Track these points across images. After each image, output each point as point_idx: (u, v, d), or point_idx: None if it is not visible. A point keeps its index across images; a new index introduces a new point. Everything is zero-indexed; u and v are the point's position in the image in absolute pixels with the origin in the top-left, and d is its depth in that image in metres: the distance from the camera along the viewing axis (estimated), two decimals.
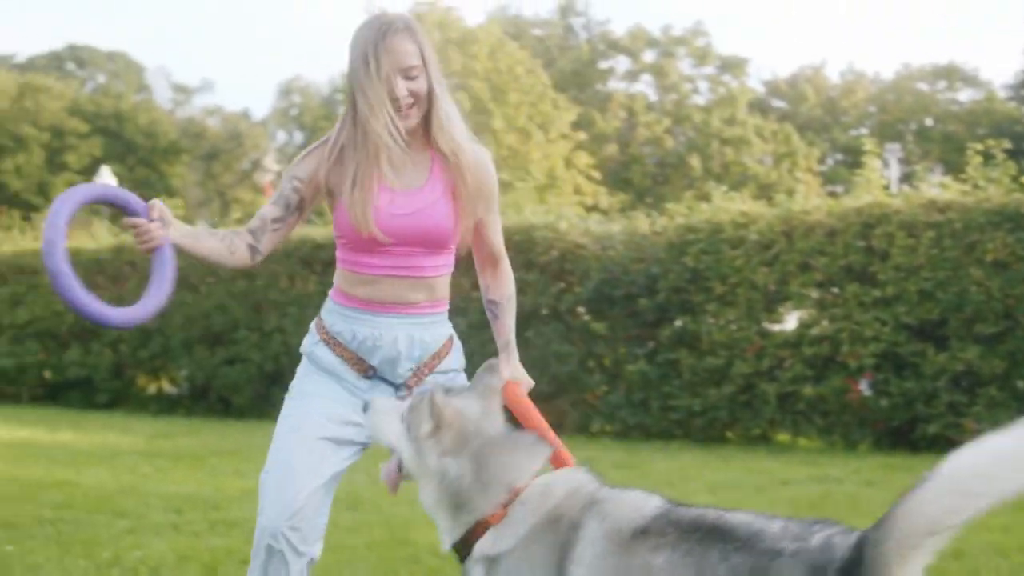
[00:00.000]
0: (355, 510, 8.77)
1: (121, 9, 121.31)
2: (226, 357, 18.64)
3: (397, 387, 4.20)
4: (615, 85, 59.24)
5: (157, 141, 62.28)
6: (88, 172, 59.78)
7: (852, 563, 2.86)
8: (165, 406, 19.80)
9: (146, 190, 61.18)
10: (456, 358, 4.34)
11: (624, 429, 15.13)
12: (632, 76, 59.46)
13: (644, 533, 3.14)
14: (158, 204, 3.86)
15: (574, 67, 57.96)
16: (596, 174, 50.38)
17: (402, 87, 3.95)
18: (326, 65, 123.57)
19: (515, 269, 13.95)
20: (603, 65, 59.53)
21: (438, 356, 4.23)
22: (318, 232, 18.19)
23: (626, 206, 43.13)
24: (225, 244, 4.03)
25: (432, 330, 4.20)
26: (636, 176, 55.35)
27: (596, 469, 3.44)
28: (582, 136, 50.36)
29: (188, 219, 23.71)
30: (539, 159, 46.83)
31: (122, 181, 52.97)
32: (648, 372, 14.90)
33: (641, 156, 56.18)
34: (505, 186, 40.07)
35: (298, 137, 70.97)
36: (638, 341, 15.30)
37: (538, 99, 48.16)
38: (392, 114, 3.93)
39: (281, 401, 15.18)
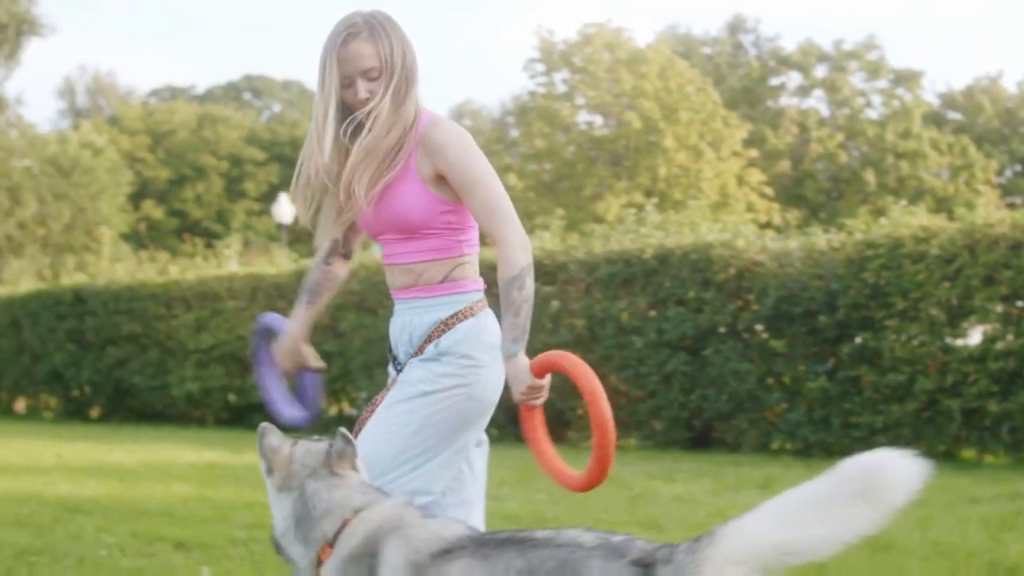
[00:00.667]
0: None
1: (295, 39, 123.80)
2: None
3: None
4: (786, 101, 58.68)
5: None
6: (266, 199, 61.13)
7: (652, 560, 3.17)
8: (348, 428, 20.06)
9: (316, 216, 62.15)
10: (451, 338, 4.23)
11: (805, 447, 14.95)
12: (804, 92, 58.82)
13: (444, 552, 3.42)
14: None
15: (744, 84, 57.58)
16: (769, 191, 49.91)
17: (362, 89, 4.11)
18: (496, 88, 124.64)
19: (691, 287, 13.94)
20: (774, 81, 59.00)
21: (429, 339, 4.24)
22: (494, 254, 18.30)
23: (800, 222, 42.65)
24: (321, 289, 4.57)
25: (424, 315, 4.25)
26: (809, 192, 54.72)
27: (776, 489, 3.44)
28: (754, 153, 49.95)
29: (363, 245, 24.04)
30: (711, 177, 46.58)
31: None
32: (829, 389, 14.72)
33: (814, 172, 55.53)
34: (677, 204, 39.95)
35: None
36: (818, 358, 15.12)
37: (709, 117, 47.91)
38: (333, 125, 4.15)
39: None
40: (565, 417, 17.54)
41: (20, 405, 27.12)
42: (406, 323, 4.30)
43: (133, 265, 27.38)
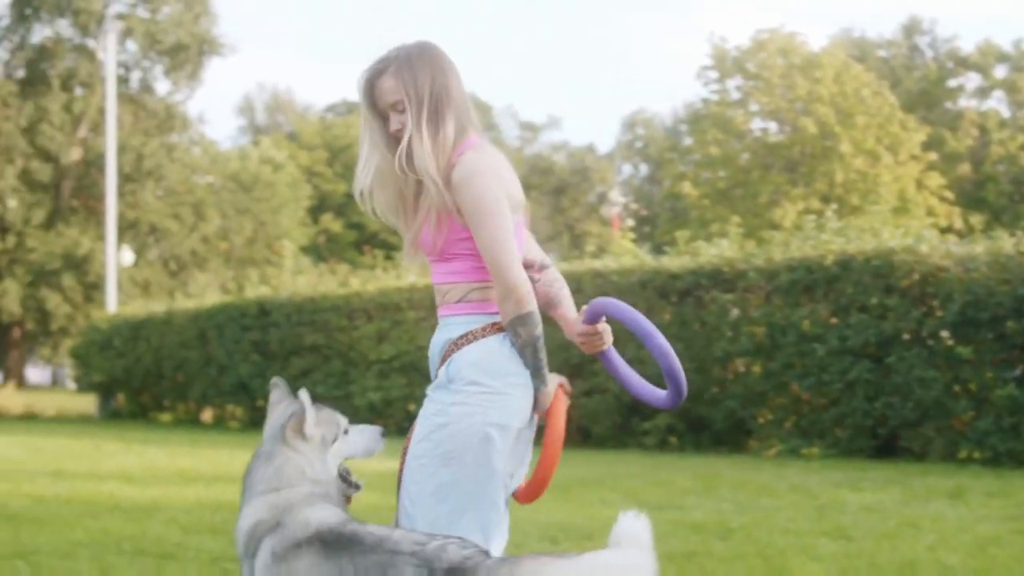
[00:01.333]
0: (726, 539, 8.76)
1: (468, 53, 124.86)
2: (585, 388, 18.88)
3: None
4: (965, 103, 57.44)
5: None
6: None
7: (462, 569, 3.53)
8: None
9: None
10: (458, 363, 4.23)
11: (994, 456, 14.61)
12: (983, 93, 57.56)
13: (297, 546, 3.78)
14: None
15: (921, 86, 56.53)
16: (949, 195, 48.87)
17: (394, 121, 4.26)
18: (669, 97, 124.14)
19: (874, 294, 13.79)
20: (952, 83, 57.85)
21: (443, 360, 4.28)
22: (673, 263, 18.28)
23: (983, 226, 41.67)
24: (552, 298, 4.75)
25: (441, 334, 4.33)
26: (991, 195, 53.44)
27: (967, 498, 3.42)
28: (933, 157, 48.97)
29: None
30: (889, 182, 45.77)
31: None
32: (1018, 397, 14.39)
33: (996, 174, 54.22)
34: (855, 210, 39.35)
35: (643, 169, 71.52)
36: (1007, 365, 14.79)
37: (886, 121, 47.09)
38: (370, 153, 4.34)
39: (641, 432, 15.36)
40: (746, 426, 17.43)
41: (207, 415, 27.82)
42: (432, 342, 4.40)
43: (314, 277, 27.88)
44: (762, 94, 48.80)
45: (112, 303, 34.78)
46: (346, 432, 4.37)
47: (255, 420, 25.34)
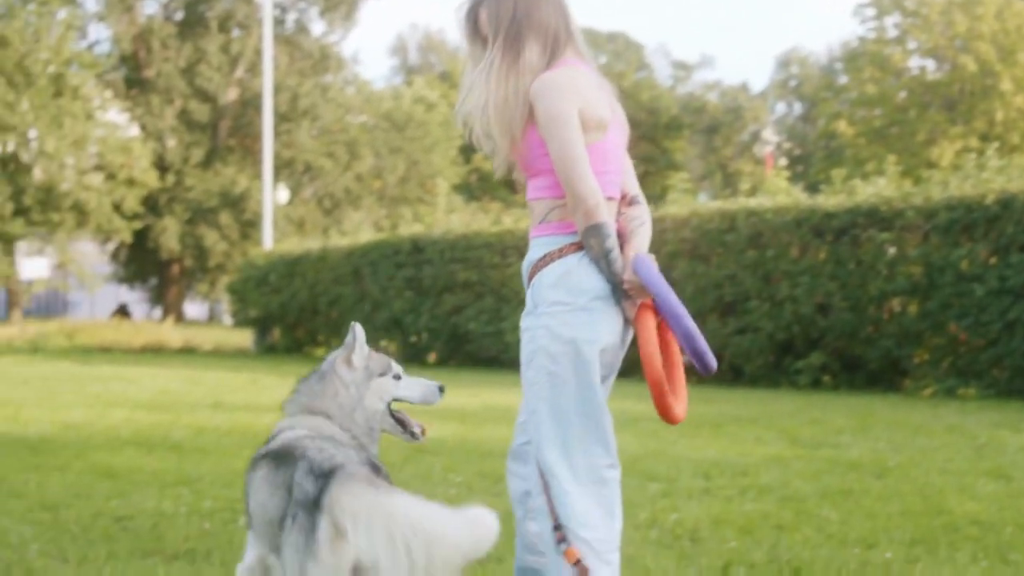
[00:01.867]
0: (883, 478, 8.67)
1: None
2: (737, 326, 18.78)
3: None
4: None
5: (659, 117, 63.41)
6: None
7: (328, 474, 3.75)
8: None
9: (649, 165, 62.37)
10: (539, 284, 4.29)
11: None
12: None
13: (261, 457, 4.12)
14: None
15: None
16: None
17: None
18: (824, 35, 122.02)
19: None
20: None
21: (529, 282, 4.33)
22: (829, 201, 18.04)
23: None
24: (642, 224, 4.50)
25: (529, 254, 4.37)
26: None
27: None
28: None
29: (692, 192, 24.03)
30: None
31: None
32: None
33: None
34: (1015, 149, 38.39)
35: (797, 108, 70.52)
36: None
37: None
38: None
39: (794, 370, 15.24)
40: (901, 366, 17.20)
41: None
42: (523, 266, 4.45)
43: (467, 216, 28.02)
44: (920, 31, 47.76)
45: (268, 240, 35.37)
46: (397, 377, 4.54)
47: (408, 355, 25.62)
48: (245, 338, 34.25)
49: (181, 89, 48.24)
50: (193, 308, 65.43)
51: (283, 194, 45.85)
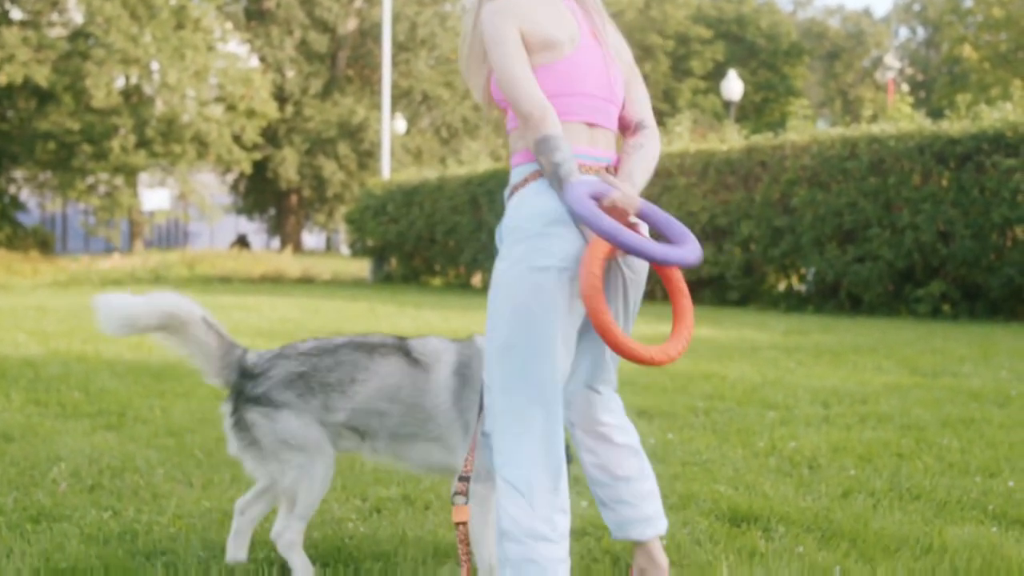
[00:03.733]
0: (1005, 407, 8.55)
1: None
2: (857, 255, 18.56)
3: None
4: None
5: (779, 43, 62.52)
6: (712, 77, 60.95)
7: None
8: (794, 303, 20.03)
9: (768, 92, 61.67)
10: (506, 220, 3.95)
11: None
12: None
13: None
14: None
15: None
16: None
17: None
18: None
19: None
20: None
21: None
22: (953, 127, 17.71)
23: None
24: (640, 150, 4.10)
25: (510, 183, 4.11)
26: None
27: None
28: None
29: (812, 118, 23.69)
30: None
31: (746, 84, 53.61)
32: None
33: None
34: None
35: (920, 33, 69.14)
36: None
37: None
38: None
39: (914, 299, 14.97)
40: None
41: (477, 280, 28.32)
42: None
43: None
44: None
45: (386, 170, 35.57)
46: None
47: None
48: (362, 268, 34.58)
49: (300, 20, 48.54)
50: (311, 238, 66.15)
51: (401, 124, 46.07)
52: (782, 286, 20.97)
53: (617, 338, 3.70)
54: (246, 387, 4.49)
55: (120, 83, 44.39)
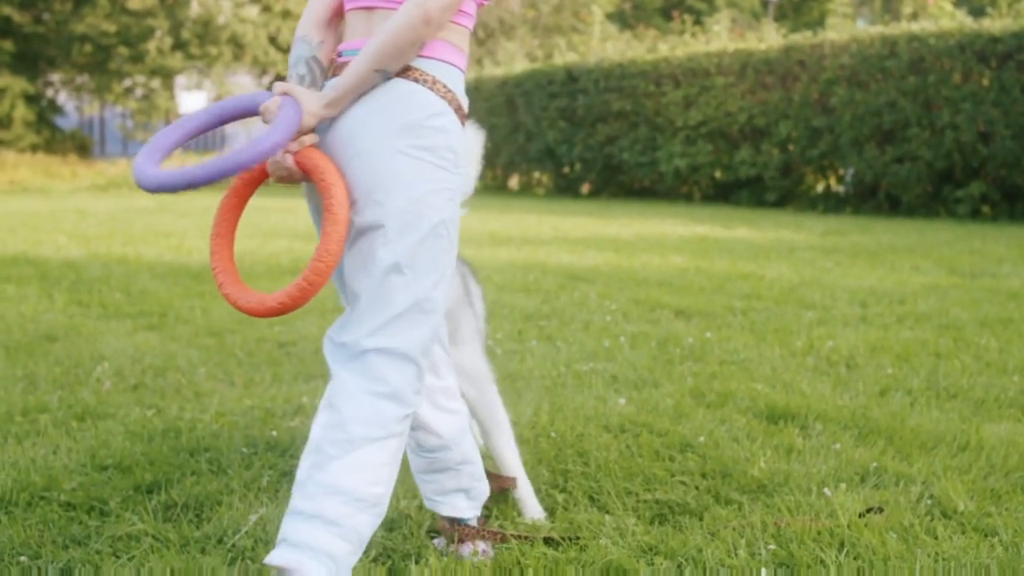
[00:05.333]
0: None
1: None
2: (896, 155, 18.44)
3: None
4: None
5: None
6: None
7: None
8: (832, 204, 19.94)
9: None
10: None
11: None
12: None
13: None
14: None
15: None
16: None
17: None
18: None
19: None
20: None
21: None
22: (995, 25, 17.47)
23: None
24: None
25: None
26: None
27: None
28: None
29: (851, 16, 23.45)
30: None
31: None
32: None
33: None
34: None
35: None
36: None
37: None
38: None
39: (953, 200, 14.91)
40: None
41: (513, 182, 28.29)
42: None
43: (622, 44, 27.69)
44: None
45: None
46: None
47: (561, 187, 25.67)
48: None
49: None
50: None
51: None
52: (820, 187, 20.87)
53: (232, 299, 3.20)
54: None
55: None
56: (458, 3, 3.14)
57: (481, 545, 3.69)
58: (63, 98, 49.65)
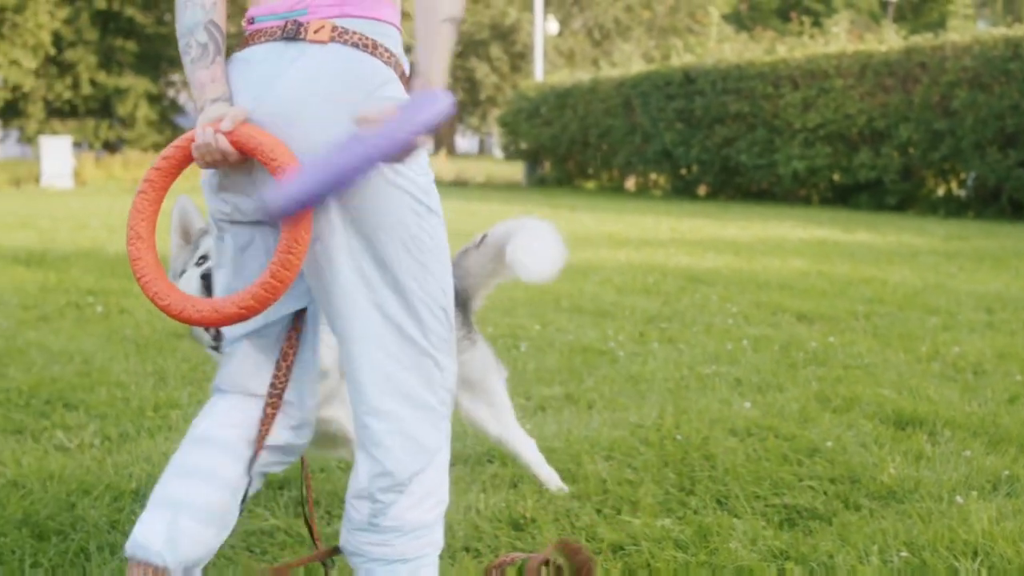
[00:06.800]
0: None
1: None
2: (1019, 159, 18.15)
3: None
4: None
5: None
6: None
7: None
8: (953, 208, 19.68)
9: None
10: None
11: None
12: None
13: None
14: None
15: None
16: None
17: None
18: None
19: None
20: None
21: None
22: None
23: None
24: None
25: None
26: None
27: None
28: None
29: (972, 18, 23.14)
30: None
31: None
32: None
33: None
34: None
35: None
36: None
37: None
38: None
39: None
40: None
41: (630, 183, 28.25)
42: None
43: (739, 45, 27.53)
44: None
45: (539, 72, 35.47)
46: None
47: (678, 188, 25.60)
48: (516, 171, 34.63)
49: None
50: (464, 142, 66.36)
51: (553, 25, 45.83)
52: (941, 191, 20.60)
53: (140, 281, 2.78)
54: None
55: None
56: None
57: None
58: (184, 98, 50.43)
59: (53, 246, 13.25)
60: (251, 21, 2.86)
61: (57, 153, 32.79)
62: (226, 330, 2.95)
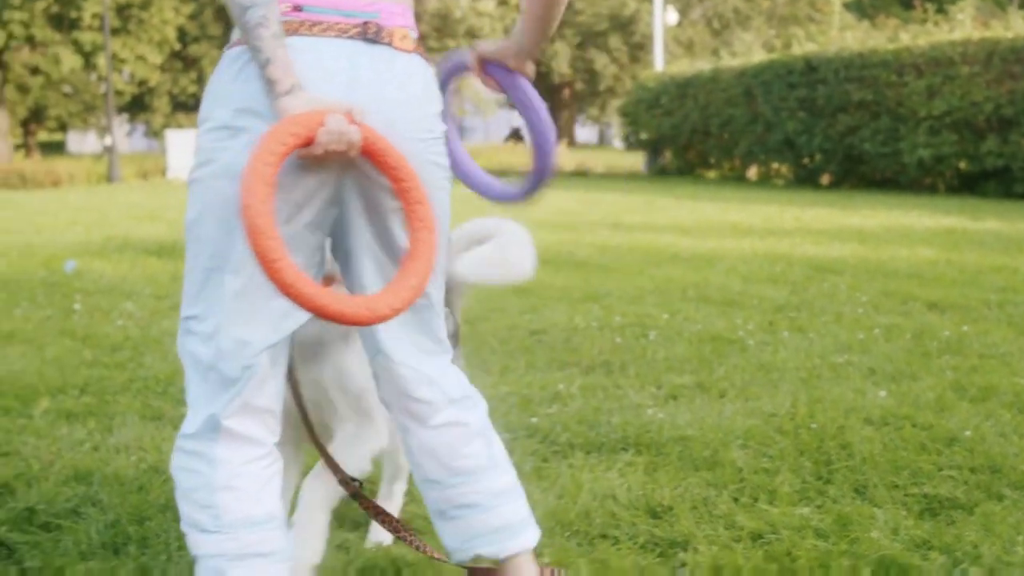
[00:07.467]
0: None
1: None
2: None
3: None
4: None
5: None
6: None
7: None
8: None
9: None
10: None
11: None
12: None
13: None
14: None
15: None
16: None
17: None
18: None
19: None
20: None
21: None
22: None
23: None
24: None
25: None
26: None
27: None
28: None
29: None
30: None
31: None
32: None
33: None
34: None
35: None
36: None
37: None
38: None
39: None
40: None
41: (752, 172, 28.05)
42: None
43: (862, 33, 27.19)
44: None
45: (659, 62, 35.35)
46: None
47: (800, 177, 25.37)
48: (636, 161, 34.59)
49: None
50: (583, 132, 66.40)
51: (672, 16, 45.63)
52: None
53: (284, 279, 2.37)
54: None
55: None
56: None
57: None
58: None
59: (181, 237, 13.46)
60: (298, 8, 2.60)
61: (182, 146, 33.39)
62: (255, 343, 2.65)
